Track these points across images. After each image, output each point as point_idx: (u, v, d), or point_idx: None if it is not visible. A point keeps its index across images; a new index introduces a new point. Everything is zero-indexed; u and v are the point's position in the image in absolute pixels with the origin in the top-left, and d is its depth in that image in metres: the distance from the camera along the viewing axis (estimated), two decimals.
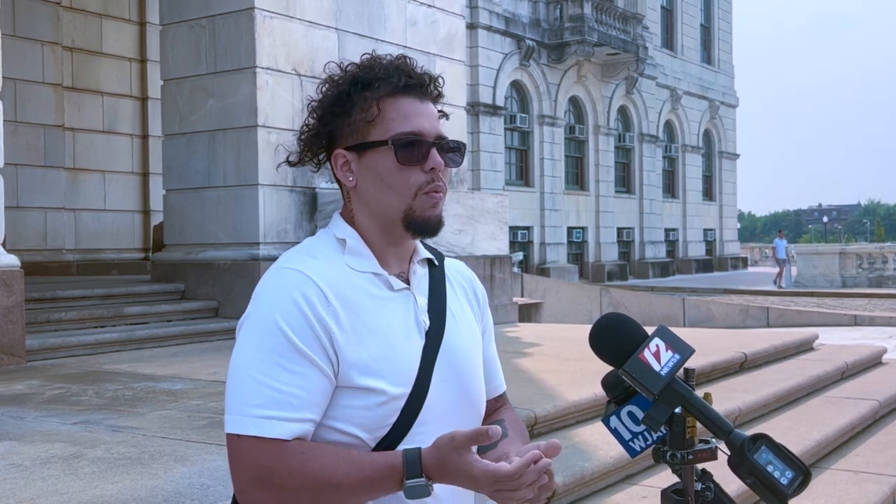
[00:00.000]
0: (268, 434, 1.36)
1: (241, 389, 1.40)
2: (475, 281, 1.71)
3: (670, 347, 1.47)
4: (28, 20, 11.53)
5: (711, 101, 40.34)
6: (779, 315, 15.93)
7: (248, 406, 1.38)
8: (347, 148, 1.51)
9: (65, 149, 12.11)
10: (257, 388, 1.38)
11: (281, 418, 1.37)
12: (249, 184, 7.87)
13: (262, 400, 1.38)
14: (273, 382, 1.38)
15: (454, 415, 1.52)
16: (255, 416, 1.37)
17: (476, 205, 9.43)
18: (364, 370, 1.43)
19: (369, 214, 1.52)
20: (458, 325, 1.58)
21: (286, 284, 1.44)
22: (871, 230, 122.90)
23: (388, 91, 1.49)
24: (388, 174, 1.48)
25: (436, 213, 1.50)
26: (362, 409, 1.43)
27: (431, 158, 1.48)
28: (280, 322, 1.41)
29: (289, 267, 1.47)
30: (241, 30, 7.87)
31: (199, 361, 6.16)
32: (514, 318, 10.11)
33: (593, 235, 32.14)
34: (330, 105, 1.52)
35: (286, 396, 1.38)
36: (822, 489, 4.48)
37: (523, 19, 28.53)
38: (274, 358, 1.39)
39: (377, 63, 1.52)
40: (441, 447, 1.35)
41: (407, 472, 1.35)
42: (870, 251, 28.97)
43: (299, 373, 1.39)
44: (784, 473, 1.43)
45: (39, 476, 3.14)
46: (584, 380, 5.21)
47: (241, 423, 1.38)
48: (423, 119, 1.49)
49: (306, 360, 1.40)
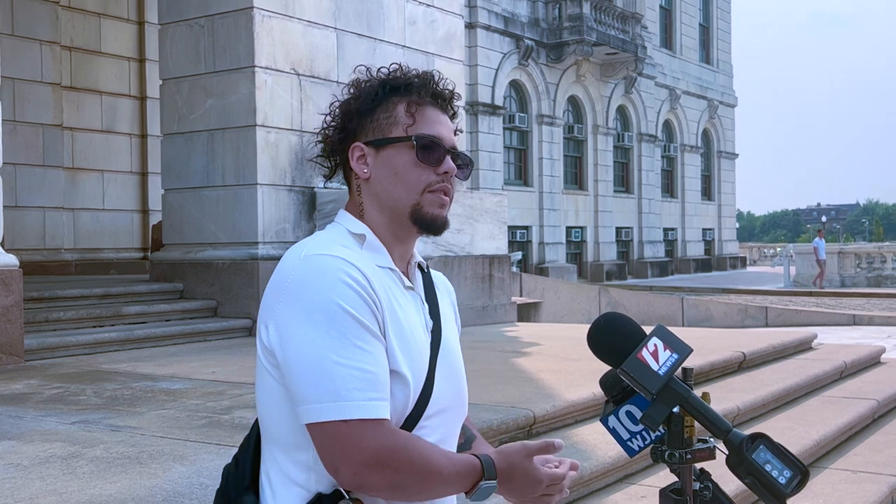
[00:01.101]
0: (375, 415, 1.39)
1: (326, 376, 1.39)
2: (452, 292, 1.78)
3: (668, 347, 1.47)
4: (27, 19, 11.53)
5: (710, 101, 40.36)
6: (777, 315, 15.93)
7: (346, 390, 1.38)
8: (366, 143, 1.57)
9: (63, 148, 12.11)
10: (348, 372, 1.39)
11: (379, 398, 1.40)
12: (248, 183, 7.86)
13: (358, 383, 1.39)
14: (361, 364, 1.40)
15: (450, 412, 1.57)
16: (356, 400, 1.38)
17: (475, 204, 9.43)
18: (395, 356, 1.46)
19: (379, 208, 1.56)
20: (448, 328, 1.64)
21: (329, 268, 1.44)
22: (869, 230, 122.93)
23: (415, 97, 1.57)
24: (403, 169, 1.54)
25: (442, 214, 1.57)
26: (393, 396, 1.46)
27: (446, 163, 1.56)
28: (342, 303, 1.41)
29: (324, 254, 1.46)
30: (240, 29, 7.87)
31: (198, 361, 6.16)
32: (513, 317, 10.11)
33: (592, 235, 32.15)
34: (356, 104, 1.59)
35: (375, 376, 1.41)
36: (820, 489, 4.48)
37: (522, 19, 28.53)
38: (350, 340, 1.40)
39: (406, 72, 1.61)
40: (512, 454, 1.49)
41: (486, 473, 1.46)
42: (868, 251, 29.00)
43: (375, 352, 1.42)
44: (782, 473, 1.43)
45: (38, 476, 3.14)
46: (583, 379, 5.21)
47: (342, 408, 1.38)
48: (444, 128, 1.59)
49: (374, 338, 1.43)
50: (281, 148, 8.02)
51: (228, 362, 6.07)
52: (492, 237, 9.61)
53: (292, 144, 8.13)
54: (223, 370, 5.66)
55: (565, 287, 16.45)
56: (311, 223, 8.23)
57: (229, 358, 6.32)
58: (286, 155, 8.06)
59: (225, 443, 3.60)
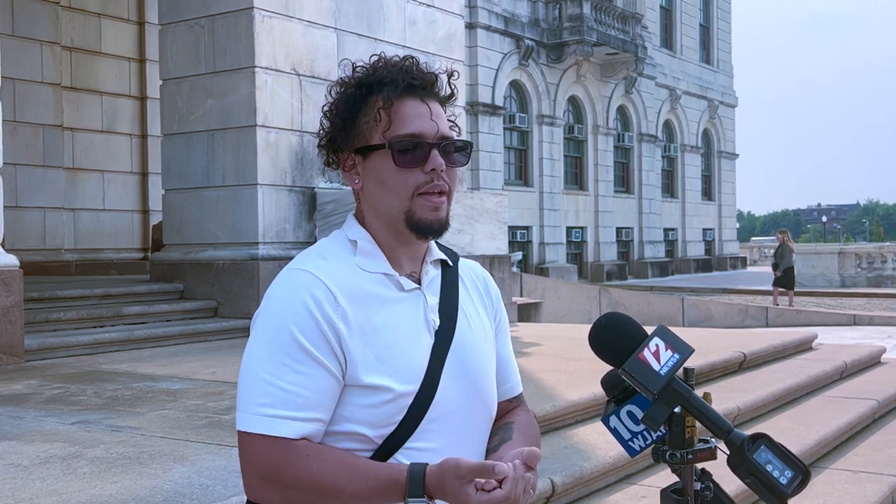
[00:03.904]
0: (272, 432, 1.40)
1: (249, 388, 1.44)
2: (489, 280, 1.72)
3: (670, 347, 1.47)
4: (27, 20, 11.53)
5: (710, 101, 40.35)
6: (778, 315, 15.92)
7: (256, 405, 1.42)
8: (354, 150, 1.53)
9: (64, 148, 12.11)
10: (264, 388, 1.42)
11: (286, 417, 1.40)
12: (248, 183, 7.86)
13: (269, 399, 1.41)
14: (279, 382, 1.41)
15: (464, 412, 1.54)
16: (261, 415, 1.41)
17: (475, 204, 9.43)
18: (370, 368, 1.45)
19: (376, 216, 1.55)
20: (469, 324, 1.59)
21: (296, 285, 1.46)
22: (869, 230, 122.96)
23: (391, 93, 1.50)
24: (388, 176, 1.50)
25: (438, 217, 1.51)
26: (368, 408, 1.45)
27: (432, 160, 1.49)
28: (289, 323, 1.43)
29: (299, 268, 1.49)
30: (241, 29, 7.87)
31: (198, 361, 6.16)
32: (514, 317, 10.12)
33: (592, 235, 32.13)
34: (338, 109, 1.54)
35: (291, 396, 1.41)
36: (821, 489, 4.48)
37: (522, 19, 28.53)
38: (281, 358, 1.42)
39: (383, 65, 1.53)
40: (445, 472, 1.36)
41: (410, 489, 1.37)
42: (869, 251, 28.97)
43: (306, 373, 1.42)
44: (783, 473, 1.43)
45: (38, 476, 3.14)
46: (584, 379, 5.21)
47: (248, 420, 1.42)
48: (424, 120, 1.50)
49: (313, 361, 1.42)
50: (281, 148, 8.02)
51: (229, 362, 6.07)
52: (492, 237, 9.60)
53: (292, 145, 8.13)
54: (223, 370, 5.66)
55: (566, 287, 16.45)
56: (312, 223, 8.23)
57: (230, 358, 6.32)
58: (286, 155, 8.06)
59: (225, 443, 3.60)
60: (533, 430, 1.66)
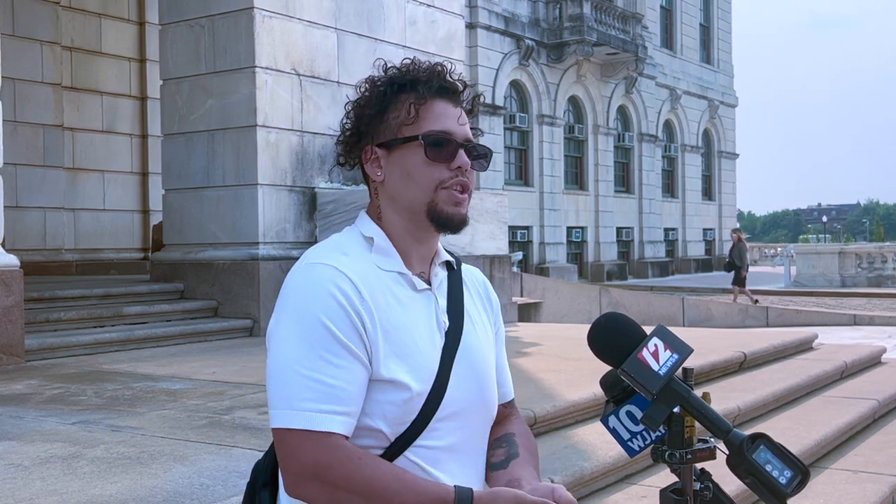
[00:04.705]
0: (319, 427, 1.39)
1: (288, 385, 1.42)
2: (489, 287, 1.74)
3: (669, 347, 1.47)
4: (27, 20, 11.53)
5: (711, 101, 40.35)
6: (778, 315, 15.92)
7: (298, 400, 1.40)
8: (378, 145, 1.56)
9: (64, 148, 12.11)
10: (305, 383, 1.40)
11: (331, 412, 1.40)
12: (249, 183, 7.86)
13: (312, 394, 1.40)
14: (320, 376, 1.40)
15: (469, 413, 1.56)
16: (305, 410, 1.39)
17: (475, 204, 9.42)
18: (391, 365, 1.46)
19: (396, 210, 1.56)
20: (474, 326, 1.62)
21: (321, 279, 1.46)
22: (870, 230, 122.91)
23: (424, 93, 1.55)
24: (415, 169, 1.53)
25: (459, 212, 1.55)
26: (388, 404, 1.46)
27: (459, 157, 1.54)
28: (320, 315, 1.43)
29: (320, 262, 1.49)
30: (241, 29, 7.87)
31: (199, 361, 6.16)
32: (514, 317, 10.12)
33: (592, 235, 32.14)
34: (367, 105, 1.58)
35: (335, 390, 1.41)
36: (821, 489, 4.48)
37: (522, 19, 28.53)
38: (319, 352, 1.41)
39: (416, 67, 1.59)
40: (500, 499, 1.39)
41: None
42: (869, 251, 28.94)
43: (345, 367, 1.42)
44: (783, 473, 1.43)
45: (38, 476, 3.14)
46: (584, 379, 5.21)
47: (289, 417, 1.40)
48: (454, 121, 1.55)
49: (349, 354, 1.43)
50: (281, 148, 8.02)
51: (229, 362, 6.07)
52: (492, 237, 9.60)
53: (293, 145, 8.13)
54: (224, 370, 5.66)
55: (566, 287, 16.45)
56: (312, 223, 8.23)
57: (230, 358, 6.32)
58: (286, 155, 8.06)
59: (225, 443, 3.60)
60: (533, 444, 1.69)
